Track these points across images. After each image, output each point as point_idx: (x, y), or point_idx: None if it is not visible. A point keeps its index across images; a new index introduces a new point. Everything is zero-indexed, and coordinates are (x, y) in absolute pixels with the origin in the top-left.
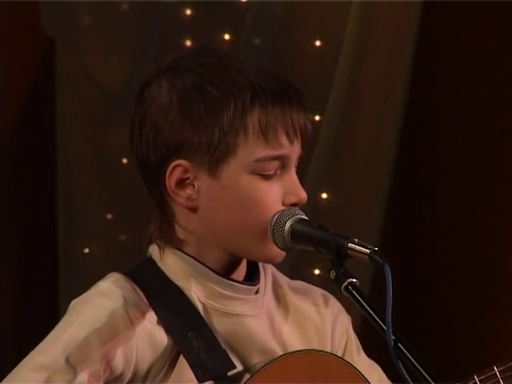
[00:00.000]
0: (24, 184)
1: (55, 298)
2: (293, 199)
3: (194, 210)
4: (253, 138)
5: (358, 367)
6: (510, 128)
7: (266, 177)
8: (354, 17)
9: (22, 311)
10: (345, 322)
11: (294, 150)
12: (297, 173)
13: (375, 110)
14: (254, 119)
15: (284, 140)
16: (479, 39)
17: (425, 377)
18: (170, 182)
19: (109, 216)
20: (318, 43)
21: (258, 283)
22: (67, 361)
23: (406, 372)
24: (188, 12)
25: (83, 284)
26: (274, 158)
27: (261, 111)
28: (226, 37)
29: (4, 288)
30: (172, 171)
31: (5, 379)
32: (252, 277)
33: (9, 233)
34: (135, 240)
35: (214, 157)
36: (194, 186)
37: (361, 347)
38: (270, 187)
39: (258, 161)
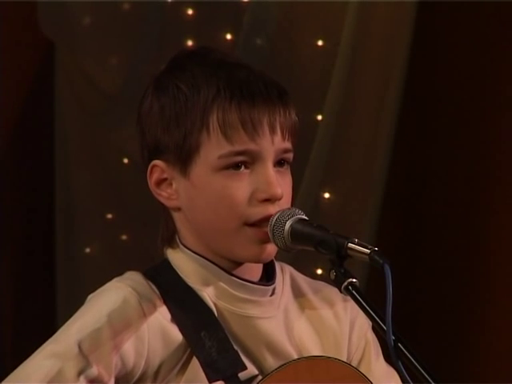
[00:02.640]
0: (24, 184)
1: (55, 298)
2: (263, 195)
3: (178, 209)
4: (214, 136)
5: (374, 373)
6: (509, 127)
7: (235, 173)
8: (350, 17)
9: (22, 311)
10: (363, 325)
11: (264, 146)
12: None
13: (372, 110)
14: (213, 118)
15: (243, 136)
16: (475, 38)
17: (425, 377)
18: (151, 181)
19: (109, 216)
20: (316, 44)
21: (273, 284)
22: (80, 349)
23: (407, 372)
24: (189, 12)
25: (83, 284)
26: (238, 154)
27: (219, 110)
28: (228, 37)
29: (4, 288)
30: (151, 171)
31: (19, 367)
32: (269, 278)
33: (9, 233)
34: (136, 240)
35: (182, 156)
36: (172, 186)
37: (380, 352)
38: (238, 183)
39: (220, 157)
